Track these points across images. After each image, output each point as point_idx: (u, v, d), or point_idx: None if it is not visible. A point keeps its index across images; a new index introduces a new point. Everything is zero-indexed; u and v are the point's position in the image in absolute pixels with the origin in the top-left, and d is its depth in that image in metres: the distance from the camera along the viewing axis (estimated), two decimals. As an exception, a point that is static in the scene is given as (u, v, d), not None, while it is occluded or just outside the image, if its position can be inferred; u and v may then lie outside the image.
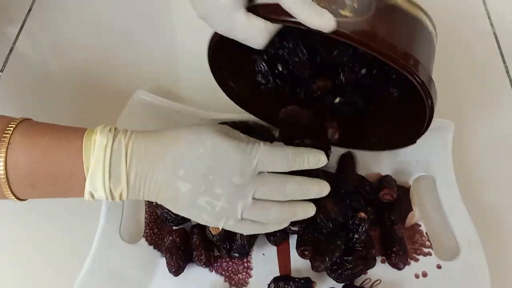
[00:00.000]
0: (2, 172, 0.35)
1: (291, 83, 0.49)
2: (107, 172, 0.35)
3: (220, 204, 0.37)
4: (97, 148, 0.35)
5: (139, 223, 0.48)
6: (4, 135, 0.35)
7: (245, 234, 0.42)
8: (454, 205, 0.48)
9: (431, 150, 0.52)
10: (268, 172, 0.38)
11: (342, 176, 0.48)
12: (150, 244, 0.46)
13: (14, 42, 0.63)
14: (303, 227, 0.45)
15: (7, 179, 0.35)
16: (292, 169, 0.39)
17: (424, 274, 0.46)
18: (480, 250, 0.45)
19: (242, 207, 0.37)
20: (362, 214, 0.44)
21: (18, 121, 0.36)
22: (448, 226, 0.48)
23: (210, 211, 0.37)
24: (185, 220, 0.47)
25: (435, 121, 0.52)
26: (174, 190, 0.37)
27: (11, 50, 0.62)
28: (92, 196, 0.36)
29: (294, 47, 0.44)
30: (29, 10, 0.66)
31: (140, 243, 0.46)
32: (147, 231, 0.47)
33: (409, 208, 0.49)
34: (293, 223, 0.44)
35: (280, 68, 0.47)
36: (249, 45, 0.38)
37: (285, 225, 0.42)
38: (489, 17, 0.67)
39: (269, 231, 0.41)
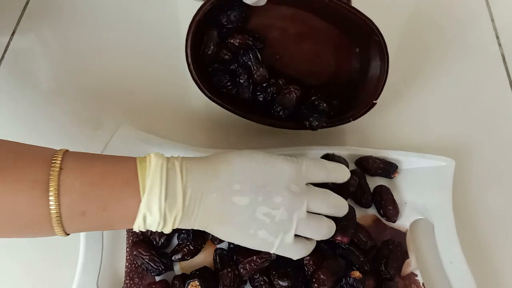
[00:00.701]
0: (53, 199, 0.33)
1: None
2: (163, 192, 0.35)
3: (279, 214, 0.37)
4: (153, 168, 0.35)
5: (119, 273, 0.45)
6: (53, 161, 0.34)
7: (295, 258, 0.40)
8: (453, 255, 0.45)
9: (429, 190, 0.49)
10: (311, 184, 0.40)
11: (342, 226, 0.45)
12: (130, 295, 0.44)
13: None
14: (291, 285, 0.43)
15: (59, 205, 0.33)
16: (329, 181, 0.42)
17: (421, 331, 0.43)
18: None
19: (298, 218, 0.38)
20: (357, 273, 0.42)
21: (62, 150, 0.35)
22: (446, 278, 0.45)
23: (269, 224, 0.37)
24: (167, 269, 0.44)
25: (434, 159, 0.50)
26: (231, 206, 0.37)
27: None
28: (145, 220, 0.35)
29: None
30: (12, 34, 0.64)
31: (120, 294, 0.44)
32: (127, 281, 0.45)
33: (405, 255, 0.46)
34: (281, 277, 0.42)
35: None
36: None
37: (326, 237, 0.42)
38: (497, 37, 0.64)
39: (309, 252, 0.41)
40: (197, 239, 0.45)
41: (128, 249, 0.46)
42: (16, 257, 0.47)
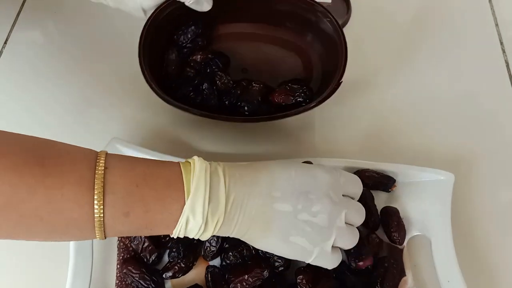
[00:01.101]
0: (97, 198, 0.32)
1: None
2: (207, 196, 0.35)
3: (320, 222, 0.37)
4: (198, 171, 0.35)
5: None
6: (97, 160, 0.33)
7: (330, 267, 0.39)
8: (451, 273, 0.44)
9: (428, 205, 0.48)
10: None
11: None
12: (120, 313, 0.43)
13: None
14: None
15: (103, 203, 0.32)
16: (359, 193, 0.42)
17: None
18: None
19: (337, 227, 0.37)
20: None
21: (104, 151, 0.35)
22: (443, 295, 0.44)
23: (310, 232, 0.37)
24: (158, 287, 0.44)
25: (433, 172, 0.49)
26: (272, 212, 0.36)
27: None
28: (187, 224, 0.35)
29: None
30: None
31: (110, 313, 0.43)
32: (117, 299, 0.44)
33: (402, 273, 0.45)
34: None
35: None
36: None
37: None
38: (501, 42, 0.62)
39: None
40: (188, 256, 0.44)
41: (118, 266, 0.45)
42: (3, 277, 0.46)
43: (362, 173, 0.50)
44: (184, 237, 0.36)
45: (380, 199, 0.49)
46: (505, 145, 0.55)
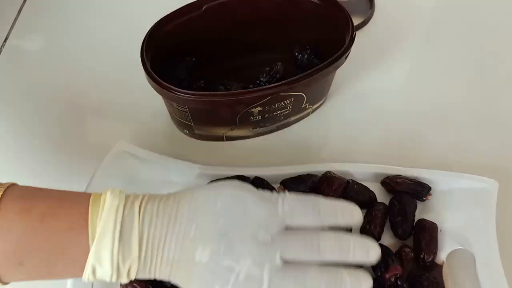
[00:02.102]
0: None
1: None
2: (116, 238, 0.29)
3: (244, 269, 0.29)
4: (106, 210, 0.30)
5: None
6: None
7: None
8: (499, 292, 0.39)
9: (468, 216, 0.43)
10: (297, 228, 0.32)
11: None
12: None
13: None
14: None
15: None
16: (325, 224, 0.32)
17: None
18: None
19: (270, 271, 0.29)
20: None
21: (6, 185, 0.30)
22: (491, 320, 0.38)
23: (234, 282, 0.29)
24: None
25: (473, 179, 0.44)
26: (190, 259, 0.30)
27: None
28: (94, 272, 0.29)
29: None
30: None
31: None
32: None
33: (442, 292, 0.40)
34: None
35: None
36: None
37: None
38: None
39: None
40: None
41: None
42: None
43: (392, 180, 0.45)
44: None
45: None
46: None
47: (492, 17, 0.61)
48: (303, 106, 0.49)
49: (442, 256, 0.42)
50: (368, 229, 0.42)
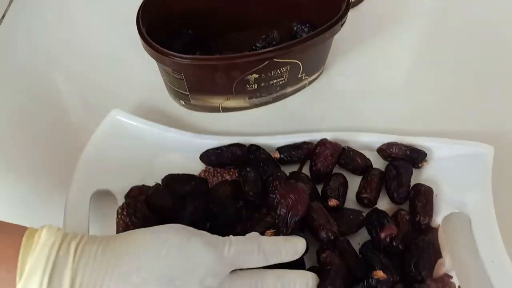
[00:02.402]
0: None
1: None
2: (46, 279, 0.27)
3: None
4: (40, 246, 0.28)
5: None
6: None
7: None
8: (495, 253, 0.39)
9: (464, 181, 0.43)
10: (241, 270, 0.32)
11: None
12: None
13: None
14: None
15: None
16: (270, 263, 0.33)
17: None
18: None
19: None
20: (380, 273, 0.36)
21: None
22: (486, 279, 0.38)
23: None
24: None
25: (469, 145, 0.44)
26: None
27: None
28: None
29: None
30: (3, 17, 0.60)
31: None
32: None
33: (438, 255, 0.40)
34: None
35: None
36: None
37: None
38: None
39: None
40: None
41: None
42: None
43: (388, 147, 0.45)
44: None
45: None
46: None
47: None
48: (299, 76, 0.49)
49: (438, 220, 0.42)
50: (365, 194, 0.42)
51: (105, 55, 0.56)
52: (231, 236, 0.32)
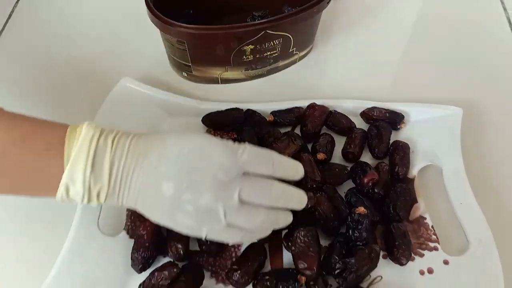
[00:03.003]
0: None
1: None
2: (89, 163, 0.33)
3: (203, 202, 0.34)
4: (82, 138, 0.33)
5: (121, 215, 0.44)
6: None
7: (230, 243, 0.38)
8: (463, 196, 0.44)
9: (437, 138, 0.49)
10: (253, 175, 0.36)
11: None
12: (131, 237, 0.43)
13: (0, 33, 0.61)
14: (293, 222, 0.42)
15: None
16: (276, 175, 0.37)
17: (430, 271, 0.42)
18: (492, 244, 0.41)
19: (225, 207, 0.34)
20: (362, 209, 0.41)
21: None
22: (456, 219, 0.44)
23: (193, 212, 0.34)
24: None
25: (441, 108, 0.50)
26: (156, 189, 0.34)
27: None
28: (67, 192, 0.33)
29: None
30: (16, 2, 0.64)
31: (121, 236, 0.43)
32: (129, 224, 0.44)
33: (414, 200, 0.45)
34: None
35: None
36: None
37: (267, 233, 0.37)
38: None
39: (254, 240, 0.37)
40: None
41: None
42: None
43: (370, 111, 0.50)
44: None
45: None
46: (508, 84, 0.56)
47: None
48: (290, 50, 0.54)
49: (414, 171, 0.47)
50: (349, 149, 0.48)
51: (114, 35, 0.61)
52: (247, 143, 0.37)
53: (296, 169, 0.38)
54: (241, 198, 0.35)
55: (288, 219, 0.38)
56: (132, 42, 0.60)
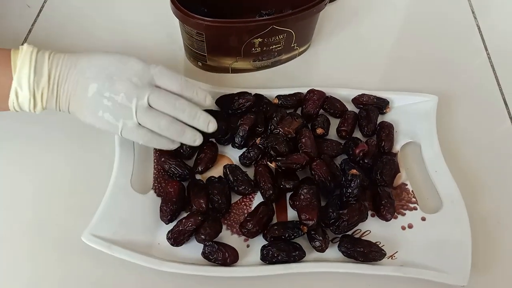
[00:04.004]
0: None
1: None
2: (32, 71, 0.43)
3: (119, 99, 0.44)
4: (24, 52, 0.43)
5: (148, 177, 0.52)
6: None
7: (140, 142, 0.47)
8: (438, 166, 0.53)
9: (417, 120, 0.57)
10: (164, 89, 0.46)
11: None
12: (158, 195, 0.50)
13: (33, 24, 0.68)
14: (297, 184, 0.50)
15: None
16: (184, 94, 0.47)
17: (410, 226, 0.50)
18: (461, 203, 0.49)
19: (137, 106, 0.44)
20: (354, 171, 0.49)
21: None
22: (432, 184, 0.52)
23: (112, 108, 0.44)
24: (191, 173, 0.51)
25: (422, 95, 0.59)
26: (83, 89, 0.44)
27: (29, 32, 0.67)
28: (17, 97, 0.43)
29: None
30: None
31: (149, 194, 0.50)
32: (156, 184, 0.51)
33: (397, 170, 0.53)
34: (287, 180, 0.49)
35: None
36: None
37: (176, 145, 0.48)
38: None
39: (162, 146, 0.48)
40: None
41: (155, 160, 0.52)
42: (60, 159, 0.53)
43: (360, 97, 0.59)
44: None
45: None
46: (475, 77, 0.65)
47: None
48: (292, 45, 0.63)
49: (397, 147, 0.56)
50: (342, 128, 0.56)
51: (137, 30, 0.69)
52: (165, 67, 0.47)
53: (204, 97, 0.48)
54: (150, 102, 0.45)
55: (195, 138, 0.48)
56: (152, 38, 0.67)
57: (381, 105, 0.58)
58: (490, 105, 0.62)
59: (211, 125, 0.48)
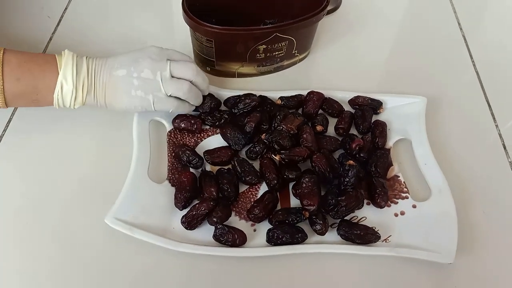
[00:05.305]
0: None
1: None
2: (74, 68, 0.52)
3: (145, 74, 0.53)
4: (66, 55, 0.52)
5: (163, 169, 0.57)
6: None
7: (171, 110, 0.56)
8: (427, 160, 0.58)
9: (408, 119, 0.62)
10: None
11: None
12: (172, 185, 0.55)
13: (53, 33, 0.73)
14: (299, 175, 0.55)
15: (2, 72, 0.50)
16: (190, 79, 0.56)
17: (402, 213, 0.55)
18: (448, 192, 0.54)
19: (161, 77, 0.53)
20: (351, 162, 0.54)
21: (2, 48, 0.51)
22: (422, 175, 0.57)
23: (142, 84, 0.53)
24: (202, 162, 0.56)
25: (412, 97, 0.64)
26: (115, 78, 0.53)
27: (49, 40, 0.73)
28: (62, 88, 0.51)
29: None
30: (65, 9, 0.77)
31: (164, 184, 0.55)
32: (170, 175, 0.56)
33: (390, 164, 0.58)
34: (290, 171, 0.54)
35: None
36: None
37: (193, 106, 0.58)
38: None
39: (188, 109, 0.58)
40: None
41: (169, 154, 0.57)
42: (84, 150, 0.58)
43: (356, 99, 0.64)
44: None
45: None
46: (462, 80, 0.71)
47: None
48: (293, 52, 0.68)
49: (390, 143, 0.61)
50: (340, 125, 0.61)
51: (150, 38, 0.74)
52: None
53: (207, 84, 0.59)
54: (172, 71, 0.54)
55: (198, 93, 0.58)
56: (164, 45, 0.73)
57: (375, 105, 0.64)
58: (474, 106, 0.68)
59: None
